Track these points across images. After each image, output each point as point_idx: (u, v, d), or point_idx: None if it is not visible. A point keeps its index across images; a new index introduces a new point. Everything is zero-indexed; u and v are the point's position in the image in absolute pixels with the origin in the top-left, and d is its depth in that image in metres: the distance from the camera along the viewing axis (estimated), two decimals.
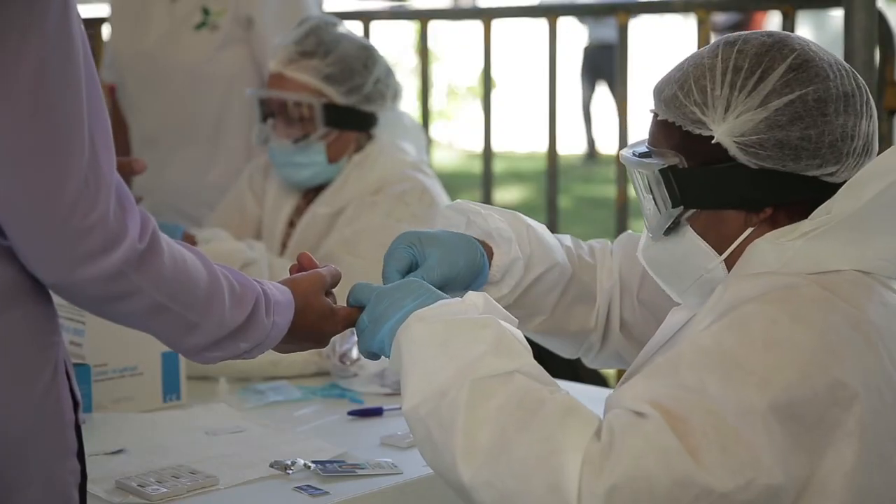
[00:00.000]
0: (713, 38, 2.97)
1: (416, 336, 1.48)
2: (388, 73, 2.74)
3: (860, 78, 1.54)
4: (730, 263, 1.55)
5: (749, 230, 1.52)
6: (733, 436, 1.33)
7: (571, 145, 9.66)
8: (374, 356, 1.60)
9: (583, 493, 1.31)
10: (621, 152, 1.61)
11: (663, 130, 1.56)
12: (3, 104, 1.28)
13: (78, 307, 1.41)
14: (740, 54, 1.51)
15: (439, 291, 1.57)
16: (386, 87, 2.72)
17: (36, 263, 1.34)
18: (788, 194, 1.50)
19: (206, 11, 3.23)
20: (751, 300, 1.43)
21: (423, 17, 4.00)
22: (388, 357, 1.55)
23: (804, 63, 1.49)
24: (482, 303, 1.52)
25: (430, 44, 3.98)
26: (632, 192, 3.45)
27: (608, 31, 9.56)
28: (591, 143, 10.36)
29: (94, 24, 4.13)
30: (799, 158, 1.48)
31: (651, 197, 1.56)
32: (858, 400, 1.37)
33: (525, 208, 2.05)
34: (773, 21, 10.16)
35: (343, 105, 2.67)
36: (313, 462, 1.82)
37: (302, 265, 1.65)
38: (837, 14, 2.78)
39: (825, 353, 1.38)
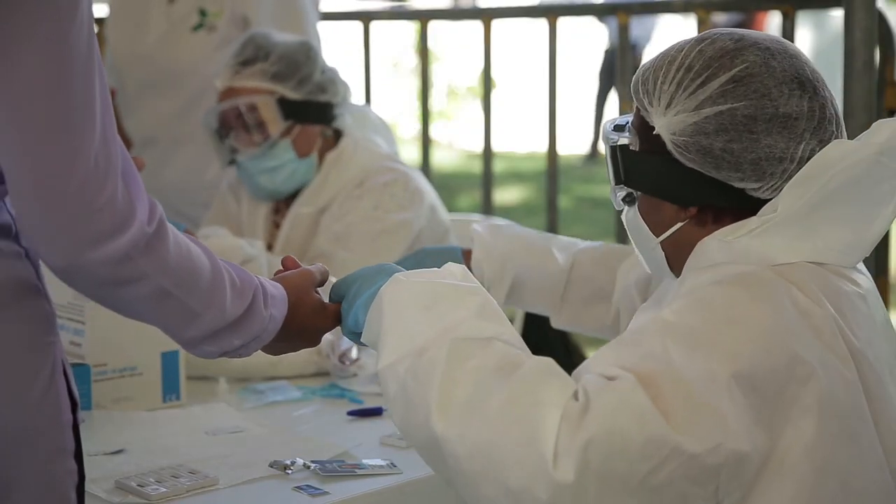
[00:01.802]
0: None
1: (399, 296, 1.50)
2: (332, 68, 2.74)
3: (823, 101, 1.54)
4: (674, 256, 1.61)
5: (679, 224, 1.58)
6: (700, 401, 1.35)
7: (571, 145, 9.66)
8: (357, 338, 1.60)
9: (559, 447, 1.33)
10: (606, 121, 1.67)
11: (635, 111, 1.62)
12: (16, 81, 1.28)
13: (83, 294, 1.41)
14: (699, 54, 1.55)
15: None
16: (335, 75, 2.72)
17: (44, 246, 1.33)
18: (712, 198, 1.55)
19: (202, 13, 3.24)
20: (710, 283, 1.47)
21: (423, 17, 4.00)
22: (358, 326, 1.56)
23: (748, 77, 1.52)
24: (461, 273, 1.55)
25: (430, 44, 3.98)
26: None
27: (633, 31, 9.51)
28: (595, 140, 10.33)
29: (97, 24, 4.14)
30: (720, 168, 1.52)
31: (608, 169, 1.65)
32: (816, 376, 1.40)
33: (525, 208, 2.17)
34: (773, 21, 10.16)
35: (298, 99, 2.67)
36: (313, 462, 1.82)
37: (287, 268, 1.66)
38: (837, 14, 2.78)
39: (783, 330, 1.41)
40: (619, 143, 1.60)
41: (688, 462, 1.33)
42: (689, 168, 1.54)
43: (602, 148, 1.70)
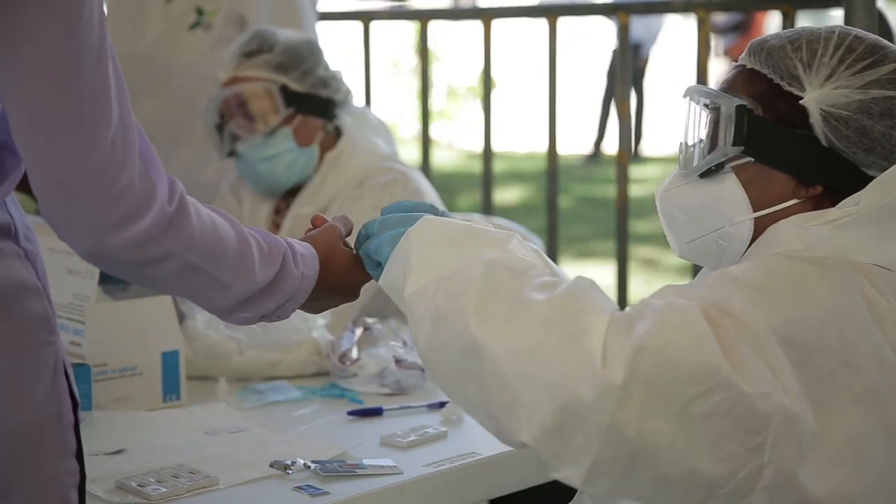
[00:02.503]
0: (713, 39, 2.96)
1: (428, 233, 1.47)
2: (335, 69, 2.75)
3: None
4: (759, 234, 1.54)
5: (794, 201, 1.52)
6: (757, 351, 1.33)
7: (571, 145, 9.66)
8: (373, 265, 1.57)
9: (608, 349, 1.29)
10: (692, 86, 1.61)
11: (748, 79, 1.55)
12: (28, 73, 1.28)
13: (113, 274, 1.42)
14: (857, 39, 1.52)
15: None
16: (338, 74, 2.73)
17: (67, 233, 1.34)
18: (843, 182, 1.50)
19: (199, 11, 3.24)
20: (780, 256, 1.45)
21: (423, 17, 4.00)
22: (382, 259, 1.53)
23: None
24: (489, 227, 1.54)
25: (430, 44, 3.98)
26: (632, 192, 3.46)
27: (637, 32, 9.46)
28: (599, 140, 10.27)
29: None
30: (871, 152, 1.49)
31: (708, 133, 1.55)
32: (868, 367, 1.38)
33: (525, 208, 2.13)
34: (773, 21, 10.16)
35: (300, 91, 2.67)
36: (313, 462, 1.82)
37: (316, 226, 1.66)
38: (837, 14, 2.78)
39: (845, 313, 1.39)
40: (745, 105, 1.52)
41: (736, 397, 1.29)
42: (825, 147, 1.50)
43: (605, 147, 1.66)
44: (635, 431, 1.29)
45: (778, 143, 1.52)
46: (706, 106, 1.56)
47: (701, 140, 1.57)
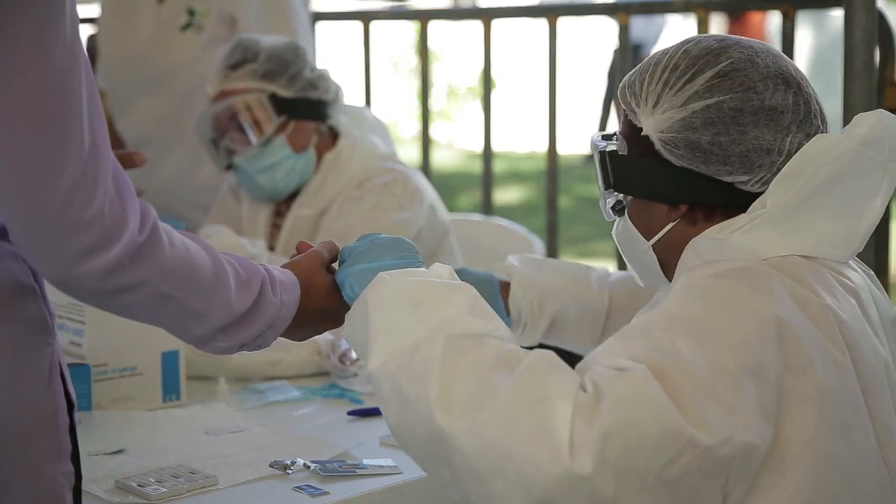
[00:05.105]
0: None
1: (385, 296, 1.47)
2: (322, 68, 2.75)
3: (807, 96, 1.56)
4: (667, 259, 1.62)
5: (671, 224, 1.59)
6: (711, 394, 1.35)
7: (571, 145, 9.65)
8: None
9: (575, 440, 1.32)
10: (594, 134, 1.68)
11: (622, 117, 1.64)
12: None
13: (81, 301, 1.41)
14: (685, 55, 1.57)
15: (420, 259, 1.60)
16: (325, 73, 2.73)
17: (35, 259, 1.33)
18: (703, 196, 1.56)
19: (191, 12, 3.24)
20: (708, 277, 1.48)
21: (423, 17, 3.99)
22: (345, 296, 1.56)
23: (733, 71, 1.54)
24: (447, 274, 1.54)
25: (430, 44, 3.97)
26: None
27: (638, 32, 9.44)
28: None
29: (90, 23, 4.13)
30: (709, 162, 1.54)
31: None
32: (814, 367, 1.40)
33: (525, 208, 2.14)
34: (773, 21, 10.17)
35: (289, 96, 2.67)
36: (313, 462, 1.82)
37: (300, 251, 1.64)
38: (837, 14, 2.78)
39: (782, 319, 1.42)
40: (607, 149, 1.62)
41: (702, 454, 1.33)
42: (679, 167, 1.55)
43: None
44: None
45: (639, 177, 1.60)
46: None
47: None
